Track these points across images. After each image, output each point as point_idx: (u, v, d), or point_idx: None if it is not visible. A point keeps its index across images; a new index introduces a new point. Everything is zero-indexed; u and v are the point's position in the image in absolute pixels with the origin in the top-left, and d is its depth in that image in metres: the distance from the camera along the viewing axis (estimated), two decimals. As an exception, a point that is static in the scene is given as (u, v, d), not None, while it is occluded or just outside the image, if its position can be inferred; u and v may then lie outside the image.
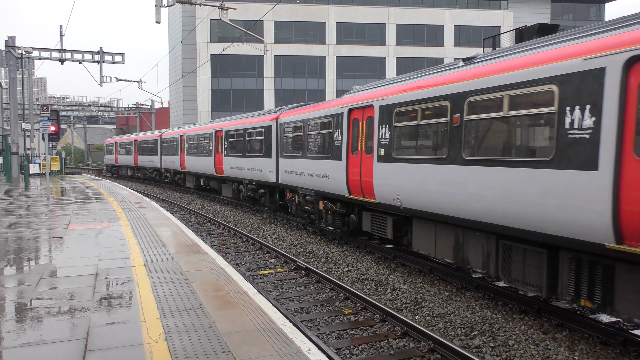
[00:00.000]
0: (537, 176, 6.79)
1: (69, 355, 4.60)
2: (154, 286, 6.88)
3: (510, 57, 7.61)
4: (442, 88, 8.86)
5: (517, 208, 7.12)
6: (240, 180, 21.07)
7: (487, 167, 7.72)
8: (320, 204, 14.32)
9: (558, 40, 6.96)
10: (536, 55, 7.06)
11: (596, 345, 6.71)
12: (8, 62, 28.42)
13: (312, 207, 15.01)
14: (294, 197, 16.41)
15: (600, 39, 6.23)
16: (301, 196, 15.72)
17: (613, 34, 6.10)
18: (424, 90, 9.40)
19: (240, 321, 5.51)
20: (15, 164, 28.87)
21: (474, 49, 57.01)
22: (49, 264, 8.31)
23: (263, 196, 19.33)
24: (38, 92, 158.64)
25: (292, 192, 16.67)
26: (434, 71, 9.65)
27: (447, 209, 8.63)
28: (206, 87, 56.86)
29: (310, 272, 10.43)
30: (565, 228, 6.44)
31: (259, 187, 19.46)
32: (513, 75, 7.27)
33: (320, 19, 58.23)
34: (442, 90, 8.84)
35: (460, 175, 8.27)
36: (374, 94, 11.37)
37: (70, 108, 78.13)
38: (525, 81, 7.03)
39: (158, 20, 19.08)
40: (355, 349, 6.70)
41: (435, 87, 9.13)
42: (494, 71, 7.74)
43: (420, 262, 10.80)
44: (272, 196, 18.74)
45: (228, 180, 22.87)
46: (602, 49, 6.10)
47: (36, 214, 14.81)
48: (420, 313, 8.05)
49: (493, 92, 7.63)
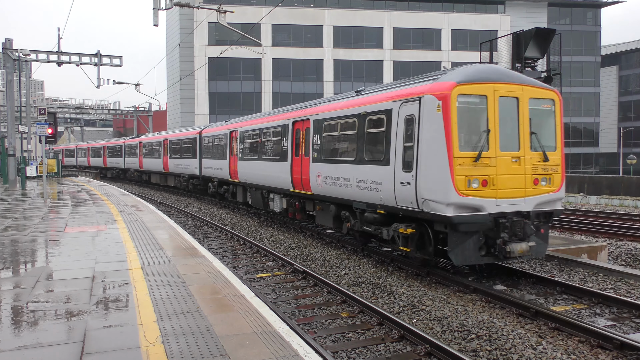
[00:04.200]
0: (374, 169, 11.48)
1: (65, 359, 4.59)
2: (151, 289, 6.87)
3: (369, 94, 12.08)
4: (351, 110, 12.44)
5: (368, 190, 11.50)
6: (209, 179, 26.15)
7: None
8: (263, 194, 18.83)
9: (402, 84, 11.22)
10: (370, 96, 11.86)
11: (593, 348, 6.73)
12: (5, 65, 28.37)
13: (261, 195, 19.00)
14: (238, 189, 21.55)
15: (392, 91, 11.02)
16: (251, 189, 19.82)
17: (393, 90, 11.03)
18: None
19: (237, 324, 5.50)
20: (12, 167, 28.80)
21: (471, 53, 57.22)
22: (45, 267, 8.29)
23: (226, 192, 23.63)
24: (35, 95, 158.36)
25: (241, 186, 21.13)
26: (334, 99, 14.08)
27: (339, 192, 12.80)
28: (204, 90, 56.88)
29: (308, 275, 10.43)
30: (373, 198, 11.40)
31: (221, 184, 24.32)
32: (377, 105, 11.43)
33: (318, 23, 58.36)
34: (350, 111, 12.42)
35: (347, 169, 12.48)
36: (309, 111, 14.73)
37: (68, 110, 78.08)
38: (380, 109, 11.22)
39: (156, 23, 19.09)
40: (352, 353, 6.70)
41: (324, 111, 13.74)
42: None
43: (418, 266, 10.82)
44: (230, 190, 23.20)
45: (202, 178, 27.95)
46: (390, 98, 10.95)
47: (33, 217, 14.78)
48: (417, 316, 8.05)
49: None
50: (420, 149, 9.64)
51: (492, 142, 9.41)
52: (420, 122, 9.70)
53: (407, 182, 9.94)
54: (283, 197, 16.69)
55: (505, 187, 9.49)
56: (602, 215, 20.20)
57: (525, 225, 9.49)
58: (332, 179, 13.01)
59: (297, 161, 15.11)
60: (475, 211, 9.25)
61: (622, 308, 8.38)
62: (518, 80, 9.92)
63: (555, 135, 10.21)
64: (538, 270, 11.03)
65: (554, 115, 10.24)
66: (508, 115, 9.67)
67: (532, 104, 9.91)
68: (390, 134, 10.64)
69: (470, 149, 9.29)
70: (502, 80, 9.68)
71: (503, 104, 9.59)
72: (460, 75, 9.47)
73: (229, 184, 22.75)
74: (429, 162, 9.44)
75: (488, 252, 9.60)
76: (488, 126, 9.40)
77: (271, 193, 17.74)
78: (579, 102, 67.01)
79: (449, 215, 9.09)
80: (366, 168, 11.52)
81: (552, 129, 10.20)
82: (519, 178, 9.65)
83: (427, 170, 9.48)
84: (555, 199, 10.13)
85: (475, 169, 9.25)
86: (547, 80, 12.87)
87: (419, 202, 9.65)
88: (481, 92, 9.45)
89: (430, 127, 9.43)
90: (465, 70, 9.68)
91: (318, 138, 13.84)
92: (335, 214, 13.45)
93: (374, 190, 11.15)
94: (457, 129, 9.16)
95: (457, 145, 9.15)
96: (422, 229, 10.16)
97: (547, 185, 9.97)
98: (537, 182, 9.87)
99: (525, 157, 9.72)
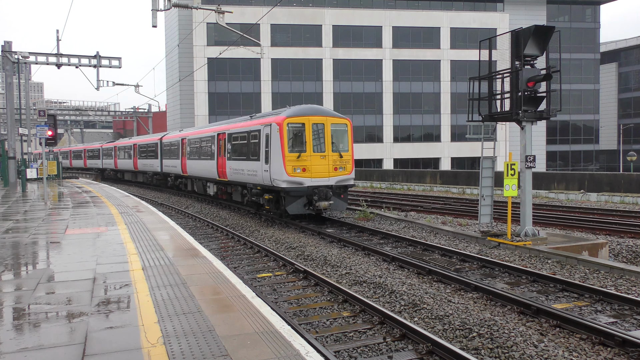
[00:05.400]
0: (253, 163, 18.67)
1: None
2: (152, 290, 6.87)
3: (255, 119, 20.02)
4: (245, 128, 20.22)
5: (244, 175, 19.61)
6: (168, 174, 33.17)
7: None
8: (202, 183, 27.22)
9: (263, 116, 19.86)
10: (252, 121, 19.98)
11: (594, 346, 6.73)
12: (5, 67, 28.37)
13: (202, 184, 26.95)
14: (188, 182, 29.55)
15: (261, 119, 18.96)
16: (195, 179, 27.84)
17: (263, 119, 18.83)
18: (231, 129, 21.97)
19: (238, 324, 5.50)
20: (13, 169, 28.80)
21: (470, 51, 57.17)
22: (46, 269, 8.29)
23: (180, 183, 31.14)
24: (35, 97, 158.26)
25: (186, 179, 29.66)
26: (238, 120, 22.57)
27: (242, 179, 20.03)
28: (203, 90, 56.84)
29: (309, 275, 10.43)
30: (251, 180, 19.20)
31: (176, 177, 31.71)
32: (249, 127, 19.55)
33: (317, 22, 58.30)
34: (245, 129, 20.08)
35: (236, 164, 20.70)
36: (225, 127, 22.80)
37: (68, 112, 77.98)
38: (251, 129, 19.10)
39: (155, 24, 19.09)
40: (354, 352, 6.70)
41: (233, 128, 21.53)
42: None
43: (419, 265, 10.82)
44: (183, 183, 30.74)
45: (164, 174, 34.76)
46: (262, 123, 18.39)
47: (34, 219, 14.78)
48: (419, 315, 8.05)
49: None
50: (271, 151, 17.28)
51: (308, 147, 17.13)
52: (271, 137, 17.34)
53: (266, 170, 17.63)
54: (214, 184, 24.48)
55: (317, 172, 17.20)
56: (603, 212, 20.19)
57: (328, 192, 16.97)
58: (237, 170, 20.63)
59: (220, 160, 22.70)
60: (299, 185, 16.91)
61: (624, 305, 8.37)
62: (324, 113, 17.82)
63: (347, 144, 17.89)
64: (539, 268, 11.04)
65: (347, 133, 17.94)
66: (318, 133, 17.39)
67: (333, 127, 17.61)
68: (260, 143, 18.28)
69: (295, 152, 16.98)
70: (314, 114, 17.52)
71: (315, 127, 17.34)
72: (290, 112, 17.37)
73: (182, 177, 30.27)
74: (275, 158, 17.08)
75: (309, 207, 17.11)
76: (305, 139, 17.15)
77: (208, 182, 25.45)
78: (579, 99, 66.92)
79: (285, 187, 16.84)
80: (251, 162, 19.11)
81: (345, 140, 17.90)
82: (324, 167, 17.33)
83: (274, 163, 17.12)
84: (348, 178, 17.81)
85: (298, 162, 16.97)
86: (546, 78, 12.86)
87: (272, 181, 17.26)
88: (301, 122, 17.20)
89: (275, 140, 17.11)
90: (293, 109, 17.61)
91: (230, 145, 21.52)
92: (241, 192, 21.18)
93: (254, 176, 18.80)
94: (287, 141, 16.92)
95: (287, 149, 16.90)
96: (276, 195, 17.81)
97: (342, 171, 17.65)
98: (336, 169, 17.53)
99: (328, 155, 17.42)
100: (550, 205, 22.99)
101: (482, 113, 13.99)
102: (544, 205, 22.72)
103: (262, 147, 17.99)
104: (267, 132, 17.62)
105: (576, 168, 66.78)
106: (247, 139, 19.52)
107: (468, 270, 11.01)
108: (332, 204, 17.02)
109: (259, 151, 18.16)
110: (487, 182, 14.10)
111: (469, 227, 16.18)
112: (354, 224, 17.11)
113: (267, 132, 17.62)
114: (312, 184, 16.92)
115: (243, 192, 20.77)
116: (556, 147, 67.69)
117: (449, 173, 38.38)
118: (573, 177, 29.27)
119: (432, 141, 61.83)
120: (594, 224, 16.93)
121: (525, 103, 13.02)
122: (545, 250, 12.13)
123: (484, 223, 14.46)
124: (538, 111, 13.26)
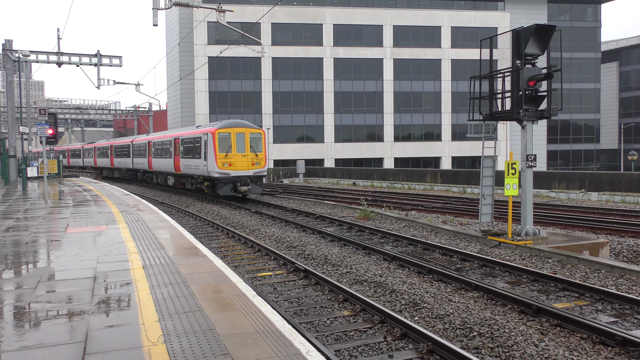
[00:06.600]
0: (197, 160, 27.48)
1: (68, 359, 4.59)
2: (153, 289, 6.87)
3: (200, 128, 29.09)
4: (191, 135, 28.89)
5: (192, 169, 28.48)
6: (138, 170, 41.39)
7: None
8: None
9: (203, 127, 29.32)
10: (196, 130, 29.08)
11: (595, 345, 6.72)
12: (5, 66, 28.36)
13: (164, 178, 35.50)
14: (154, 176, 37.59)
15: (200, 129, 28.28)
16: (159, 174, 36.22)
17: (203, 129, 27.85)
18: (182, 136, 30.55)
19: (239, 323, 5.50)
20: (13, 167, 28.81)
21: (471, 50, 57.16)
22: (47, 267, 8.29)
23: (147, 177, 39.19)
24: (35, 96, 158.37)
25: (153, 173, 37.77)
26: (188, 129, 31.71)
27: (190, 172, 28.64)
28: (204, 89, 56.84)
29: (309, 274, 10.42)
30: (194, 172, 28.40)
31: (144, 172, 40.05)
32: (194, 135, 28.27)
33: (317, 21, 58.27)
34: (191, 135, 28.61)
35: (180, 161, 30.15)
36: (178, 134, 30.81)
37: (68, 111, 78.06)
38: (195, 136, 27.89)
39: (155, 23, 19.06)
40: (355, 351, 6.70)
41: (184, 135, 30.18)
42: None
43: (420, 265, 10.81)
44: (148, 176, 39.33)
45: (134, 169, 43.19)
46: (201, 132, 27.35)
47: (34, 217, 14.79)
48: (419, 314, 8.05)
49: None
50: (207, 152, 25.32)
51: (233, 149, 25.19)
52: (207, 142, 25.41)
53: (205, 165, 25.66)
54: (173, 177, 32.79)
55: (239, 166, 25.25)
56: (604, 211, 20.17)
57: (247, 180, 25.27)
58: (187, 166, 28.61)
59: (176, 158, 30.51)
60: (227, 175, 25.00)
61: (624, 304, 8.37)
62: (245, 126, 26.11)
63: (262, 147, 26.01)
64: (540, 267, 11.04)
65: (261, 139, 26.09)
66: (240, 140, 25.47)
67: (251, 135, 25.79)
68: (201, 146, 26.18)
69: (224, 152, 25.03)
70: (237, 126, 25.77)
71: (238, 136, 25.45)
72: (221, 125, 25.79)
73: (148, 172, 38.28)
74: (210, 157, 25.15)
75: (234, 191, 25.32)
76: (231, 144, 25.23)
77: (168, 176, 33.62)
78: (580, 98, 66.87)
79: (217, 177, 25.11)
80: (196, 160, 27.11)
81: (260, 144, 25.99)
82: (245, 163, 25.44)
83: (209, 160, 25.22)
84: (262, 171, 25.98)
85: (226, 159, 25.02)
86: (547, 77, 12.84)
87: (209, 172, 25.35)
88: (227, 132, 25.33)
89: (210, 144, 25.17)
90: (223, 123, 26.32)
91: (182, 147, 29.52)
92: (190, 182, 29.38)
93: (198, 169, 26.95)
94: (218, 145, 24.99)
95: (218, 150, 24.92)
96: (212, 183, 25.88)
97: (258, 165, 25.80)
98: (253, 164, 25.65)
99: (247, 155, 25.53)
100: (551, 204, 22.99)
101: (482, 112, 13.98)
102: (545, 205, 22.71)
103: (202, 149, 26.00)
104: (205, 139, 25.76)
105: (577, 167, 66.75)
106: (194, 143, 27.50)
107: (469, 270, 11.01)
108: (250, 188, 25.41)
109: (201, 152, 26.23)
110: (487, 181, 14.09)
111: (470, 227, 16.18)
112: (353, 223, 17.13)
113: (205, 139, 25.76)
114: (236, 174, 25.14)
115: (191, 182, 29.28)
116: (557, 147, 67.66)
117: (450, 172, 38.39)
118: (574, 177, 29.26)
119: (432, 140, 61.82)
120: (595, 224, 16.92)
121: (526, 102, 13.02)
122: (546, 249, 12.13)
123: (485, 222, 14.46)
124: (539, 110, 13.25)
